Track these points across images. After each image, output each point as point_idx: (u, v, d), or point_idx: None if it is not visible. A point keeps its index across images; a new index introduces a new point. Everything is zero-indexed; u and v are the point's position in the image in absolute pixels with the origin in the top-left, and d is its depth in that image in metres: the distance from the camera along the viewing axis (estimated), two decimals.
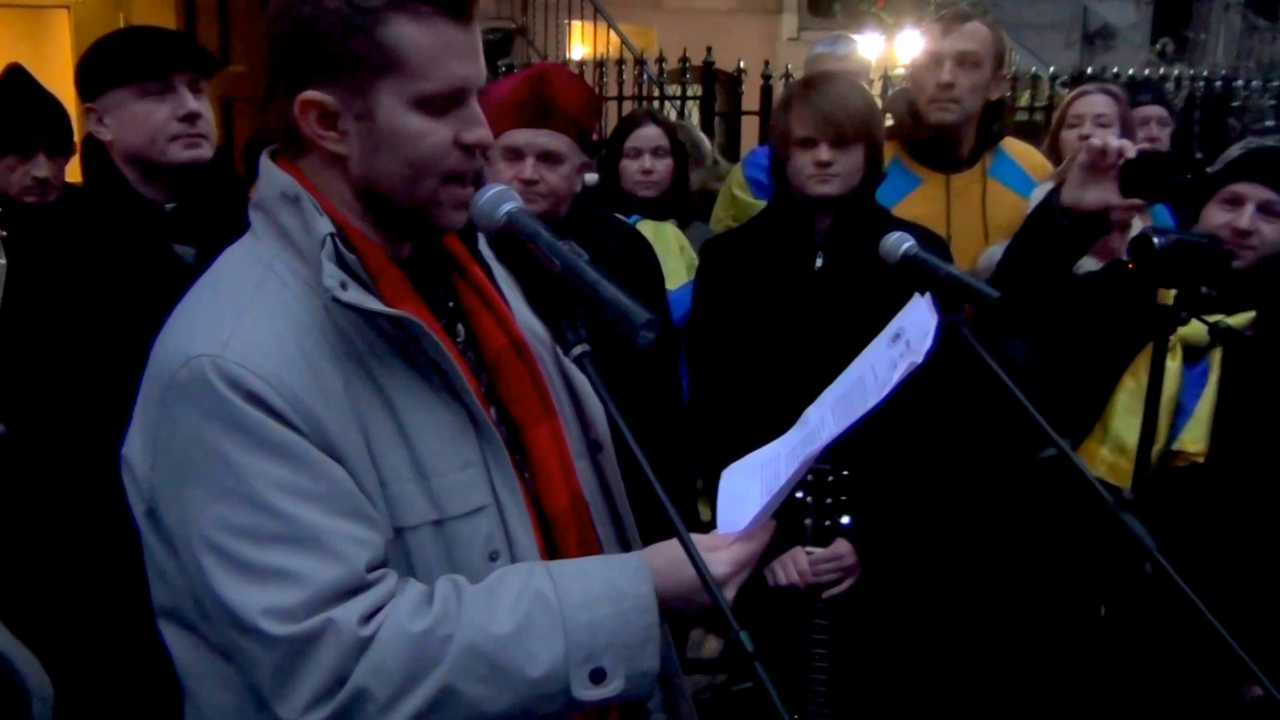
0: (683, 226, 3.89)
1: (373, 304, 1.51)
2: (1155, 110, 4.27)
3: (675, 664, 1.85)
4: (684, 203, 4.00)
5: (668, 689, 1.86)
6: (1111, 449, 2.86)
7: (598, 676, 1.49)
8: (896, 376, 1.60)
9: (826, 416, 1.72)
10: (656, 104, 7.57)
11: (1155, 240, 2.55)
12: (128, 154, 2.60)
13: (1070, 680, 2.90)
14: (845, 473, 2.58)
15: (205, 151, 2.63)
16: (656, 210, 3.77)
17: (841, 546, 2.73)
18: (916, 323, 1.73)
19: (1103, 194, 2.68)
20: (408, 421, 1.55)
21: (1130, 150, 2.66)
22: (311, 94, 1.52)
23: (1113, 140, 2.68)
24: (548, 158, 2.68)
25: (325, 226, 1.53)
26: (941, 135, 3.43)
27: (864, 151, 2.82)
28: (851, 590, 2.76)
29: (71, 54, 7.66)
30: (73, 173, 3.48)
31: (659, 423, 2.84)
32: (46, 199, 3.42)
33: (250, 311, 1.51)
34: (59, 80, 3.74)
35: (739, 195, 4.13)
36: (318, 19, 1.50)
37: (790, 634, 2.72)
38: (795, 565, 2.72)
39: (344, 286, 1.49)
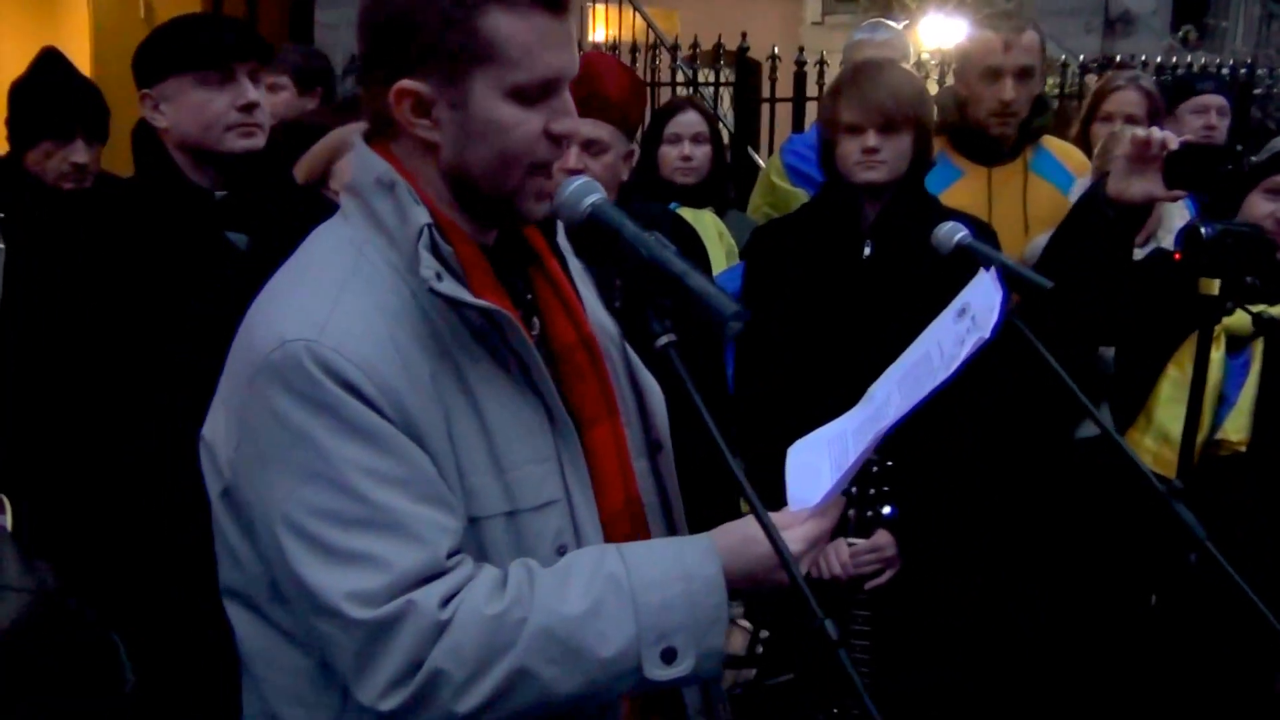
0: (720, 214, 3.89)
1: (466, 296, 1.53)
2: (1215, 100, 4.27)
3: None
4: (722, 190, 4.01)
5: (704, 689, 1.86)
6: (1155, 438, 2.88)
7: (669, 656, 1.51)
8: (965, 352, 1.61)
9: (893, 393, 1.72)
10: (683, 90, 7.50)
11: (1203, 230, 2.58)
12: (183, 141, 2.61)
13: (1121, 670, 2.91)
14: (889, 463, 2.59)
15: (260, 141, 2.64)
16: (695, 198, 3.77)
17: (883, 538, 2.73)
18: (982, 298, 1.72)
19: (1147, 185, 2.69)
20: (488, 412, 1.57)
21: (1173, 142, 2.67)
22: (407, 83, 1.54)
23: (1156, 132, 2.70)
24: (591, 146, 2.66)
25: (422, 216, 1.54)
26: (984, 130, 3.47)
27: (912, 138, 2.83)
28: (893, 582, 2.76)
29: (89, 38, 7.65)
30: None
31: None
32: (84, 185, 3.44)
33: (345, 297, 1.53)
34: (77, 64, 3.73)
35: (777, 183, 4.13)
36: (416, 10, 1.52)
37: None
38: (837, 557, 2.72)
39: (439, 277, 1.51)
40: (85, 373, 2.54)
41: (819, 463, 1.72)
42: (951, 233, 2.52)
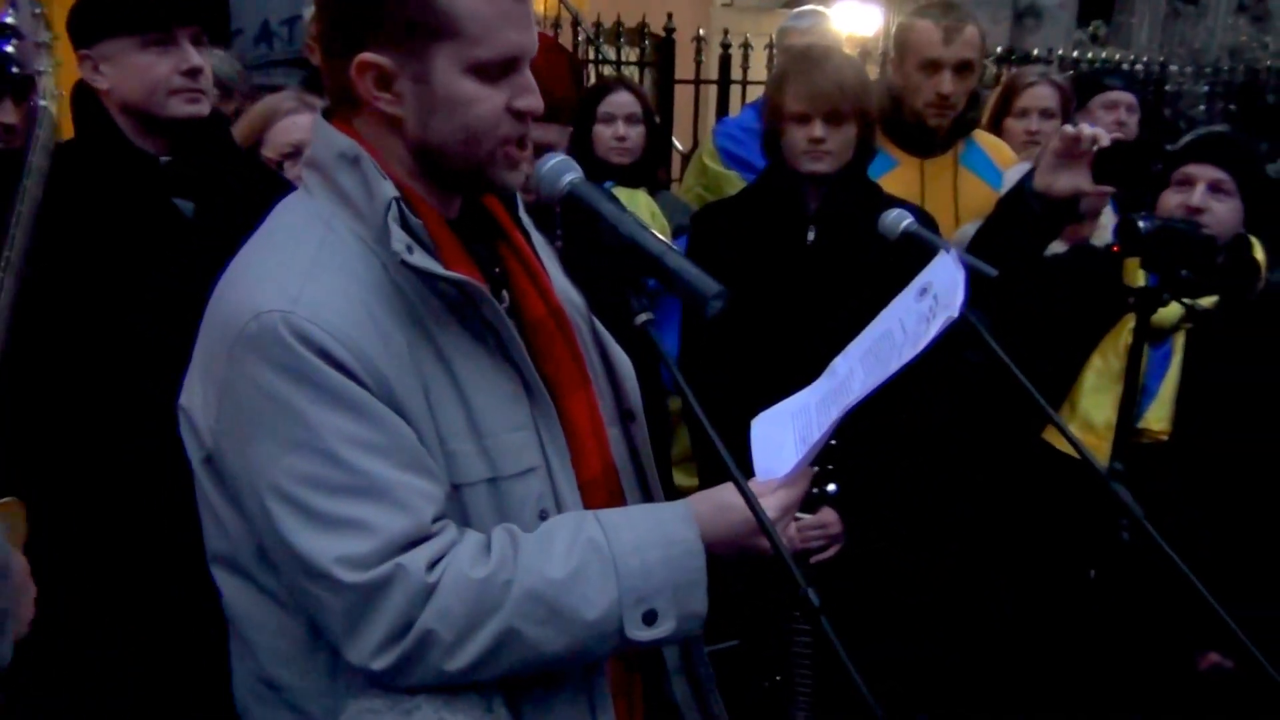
0: (652, 194, 3.90)
1: (438, 268, 1.55)
2: (1125, 96, 4.35)
3: None
4: (655, 170, 4.01)
5: (686, 652, 1.93)
6: (1080, 427, 2.94)
7: (650, 618, 1.56)
8: (933, 331, 1.65)
9: (855, 368, 1.76)
10: (606, 70, 7.46)
11: (1140, 224, 2.65)
12: (125, 104, 2.56)
13: (1065, 640, 3.00)
14: (833, 441, 2.63)
15: (205, 107, 2.60)
16: (630, 178, 3.76)
17: (828, 514, 2.79)
18: (944, 277, 1.76)
19: (1075, 180, 2.74)
20: (465, 382, 1.59)
21: (1104, 139, 2.73)
22: (368, 55, 1.55)
23: (1086, 128, 2.75)
24: (539, 150, 2.65)
25: (390, 190, 1.55)
26: (920, 122, 3.51)
27: (857, 128, 2.87)
28: (840, 557, 2.81)
29: None
30: None
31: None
32: (13, 146, 3.34)
33: (318, 269, 1.54)
34: None
35: (710, 165, 4.15)
36: None
37: (775, 601, 2.78)
38: (784, 532, 2.77)
39: (410, 250, 1.52)
40: (50, 347, 2.46)
41: (783, 435, 1.77)
42: (898, 219, 2.57)
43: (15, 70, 2.42)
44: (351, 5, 1.56)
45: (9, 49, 2.41)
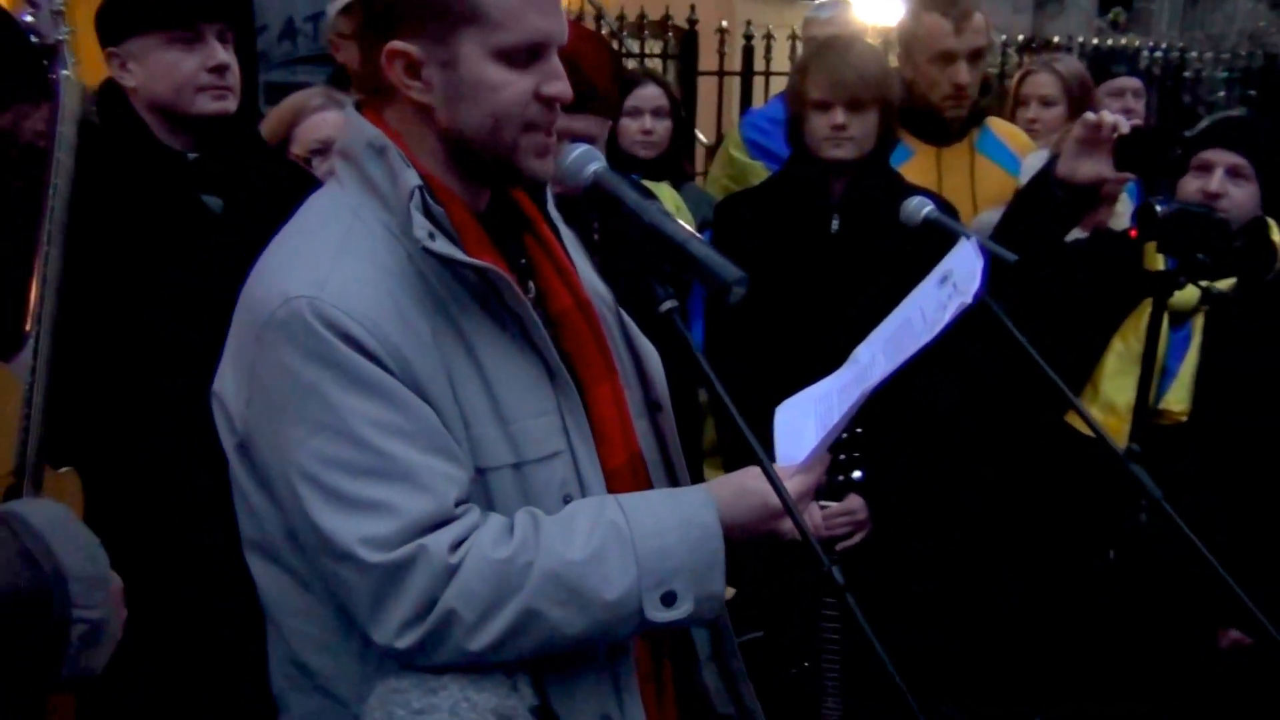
0: (676, 188, 3.93)
1: (459, 255, 1.58)
2: (1131, 82, 4.39)
3: (724, 613, 1.92)
4: (679, 164, 4.04)
5: (717, 639, 1.96)
6: (1102, 408, 2.96)
7: (669, 600, 1.59)
8: (947, 316, 1.68)
9: (877, 355, 1.79)
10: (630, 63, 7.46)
11: (1158, 209, 2.67)
12: (152, 101, 2.60)
13: (1084, 619, 3.02)
14: (858, 430, 2.66)
15: (232, 104, 2.63)
16: (655, 171, 3.78)
17: (854, 501, 2.80)
18: (964, 264, 1.79)
19: (1096, 167, 2.77)
20: (489, 368, 1.62)
21: (1124, 126, 2.75)
22: (397, 44, 1.58)
23: (1107, 116, 2.78)
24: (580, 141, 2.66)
25: (413, 179, 1.58)
26: (935, 112, 3.54)
27: (878, 116, 2.89)
28: (864, 545, 2.84)
29: None
30: None
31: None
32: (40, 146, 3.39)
33: (344, 256, 1.58)
34: None
35: (736, 155, 4.17)
36: None
37: (799, 588, 2.81)
38: (810, 519, 2.78)
39: (432, 237, 1.55)
40: (78, 341, 2.50)
41: (805, 422, 1.80)
42: (919, 207, 2.60)
43: (35, 39, 2.44)
44: None
45: (29, 18, 2.44)
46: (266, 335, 1.56)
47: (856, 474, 2.67)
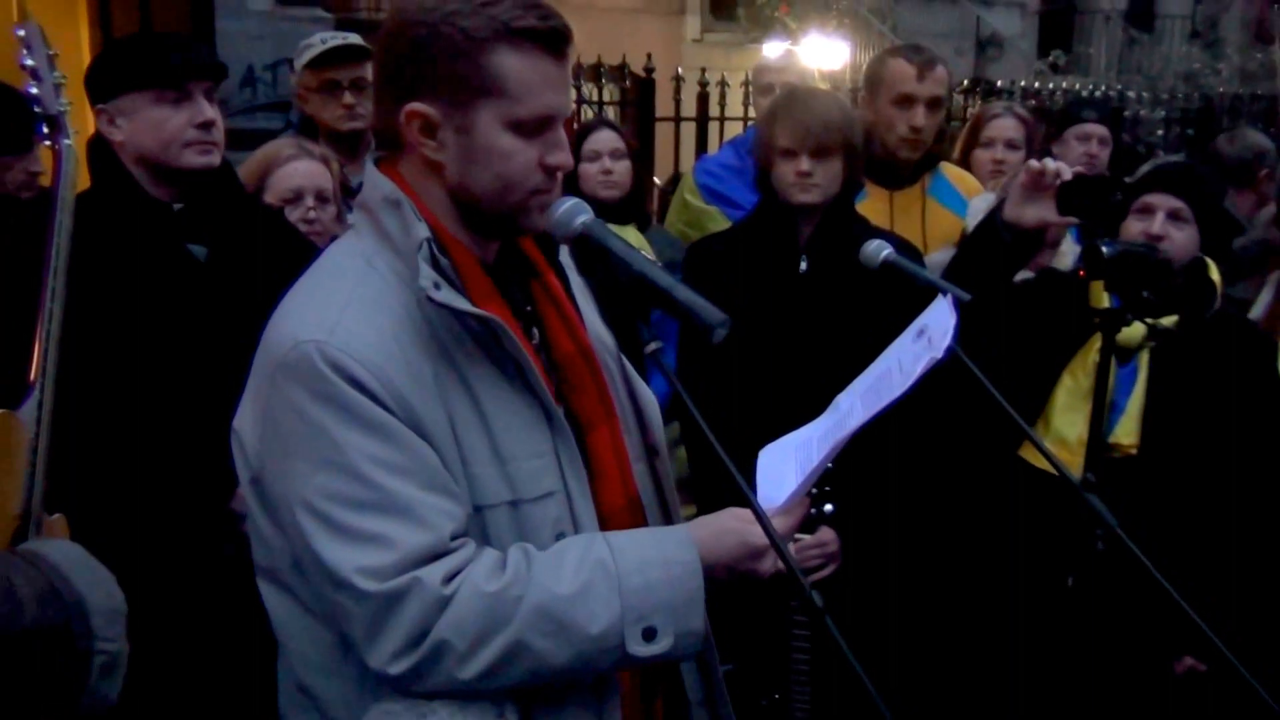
0: (641, 230, 4.01)
1: (461, 304, 1.68)
2: (1098, 129, 4.49)
3: (714, 654, 2.02)
4: (643, 206, 4.12)
5: (708, 683, 2.04)
6: (1053, 443, 3.07)
7: (649, 634, 1.68)
8: (920, 369, 1.78)
9: (856, 404, 1.90)
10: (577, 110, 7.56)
11: (1104, 249, 2.80)
12: (140, 156, 2.67)
13: (1045, 643, 3.12)
14: (830, 465, 2.74)
15: (216, 158, 2.72)
16: (618, 214, 3.85)
17: (826, 534, 2.90)
18: (938, 321, 1.89)
19: (1041, 212, 2.90)
20: (488, 410, 1.72)
21: (1066, 173, 2.89)
22: (417, 105, 1.69)
23: (1050, 163, 2.91)
24: None
25: (422, 231, 1.69)
26: (891, 156, 3.68)
27: (843, 162, 3.01)
28: (835, 577, 2.92)
29: None
30: None
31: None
32: (34, 193, 3.43)
33: (353, 303, 1.68)
34: None
35: (691, 201, 4.25)
36: (432, 42, 1.67)
37: (772, 619, 2.89)
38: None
39: (437, 287, 1.66)
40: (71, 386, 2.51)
41: (785, 466, 1.91)
42: (878, 250, 2.72)
43: (39, 110, 2.53)
44: (408, 59, 1.70)
45: (34, 90, 2.52)
46: (278, 376, 1.66)
47: (828, 507, 2.76)
